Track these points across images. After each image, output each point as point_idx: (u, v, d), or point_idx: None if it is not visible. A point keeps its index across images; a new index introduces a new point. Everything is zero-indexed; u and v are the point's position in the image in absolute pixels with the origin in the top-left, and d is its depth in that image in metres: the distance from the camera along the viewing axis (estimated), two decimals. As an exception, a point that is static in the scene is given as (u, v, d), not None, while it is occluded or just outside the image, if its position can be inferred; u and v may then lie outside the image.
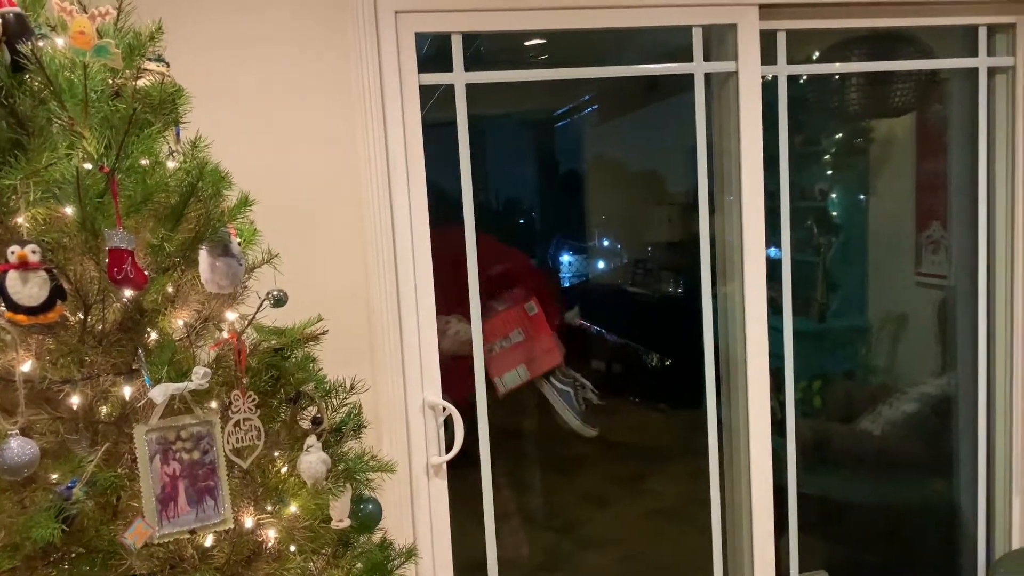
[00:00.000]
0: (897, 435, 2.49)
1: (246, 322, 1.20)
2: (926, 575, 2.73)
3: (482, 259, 2.20)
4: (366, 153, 2.01)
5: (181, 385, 1.08)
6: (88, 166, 1.03)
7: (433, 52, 2.15)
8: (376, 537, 1.47)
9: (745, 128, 2.28)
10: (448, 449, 2.13)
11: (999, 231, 2.55)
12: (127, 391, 1.10)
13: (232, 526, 1.14)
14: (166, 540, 1.12)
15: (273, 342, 1.33)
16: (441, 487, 2.17)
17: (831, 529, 2.75)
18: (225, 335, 1.21)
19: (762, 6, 2.22)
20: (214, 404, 1.19)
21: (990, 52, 2.46)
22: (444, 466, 2.15)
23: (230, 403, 1.16)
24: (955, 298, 2.56)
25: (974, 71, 2.47)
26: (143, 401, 1.09)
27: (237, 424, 1.15)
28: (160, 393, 1.06)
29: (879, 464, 2.56)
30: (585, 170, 5.99)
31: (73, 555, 1.05)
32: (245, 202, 1.23)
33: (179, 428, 1.12)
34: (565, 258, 6.41)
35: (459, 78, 2.13)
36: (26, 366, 1.05)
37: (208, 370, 1.09)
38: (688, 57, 2.24)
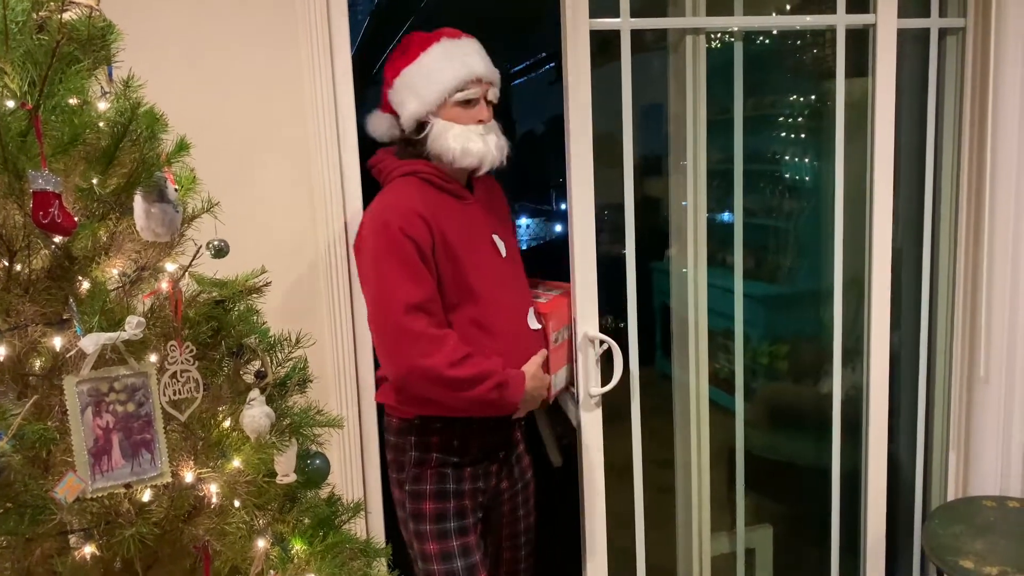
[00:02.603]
0: (854, 397, 2.55)
1: (182, 271, 1.15)
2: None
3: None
4: (312, 95, 1.95)
5: (113, 335, 1.03)
6: (10, 104, 0.97)
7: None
8: (324, 492, 1.45)
9: (881, 84, 2.33)
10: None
11: (944, 195, 2.59)
12: (57, 342, 1.06)
13: (170, 480, 1.11)
14: (100, 495, 1.08)
15: (214, 294, 1.29)
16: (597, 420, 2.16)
17: (778, 486, 2.82)
18: (163, 286, 1.16)
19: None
20: (153, 357, 1.15)
21: (941, 13, 2.48)
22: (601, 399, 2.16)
23: (167, 354, 1.12)
24: (900, 260, 2.61)
25: (926, 32, 2.49)
26: (74, 352, 1.04)
27: (174, 376, 1.11)
28: (91, 343, 1.01)
29: (831, 424, 2.61)
30: (541, 130, 5.95)
31: (0, 511, 1.01)
32: (182, 146, 1.17)
33: (112, 379, 1.07)
34: (523, 220, 6.39)
35: (625, 24, 2.09)
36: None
37: (142, 320, 1.04)
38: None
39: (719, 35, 2.40)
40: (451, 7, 3.48)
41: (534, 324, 1.95)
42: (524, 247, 6.74)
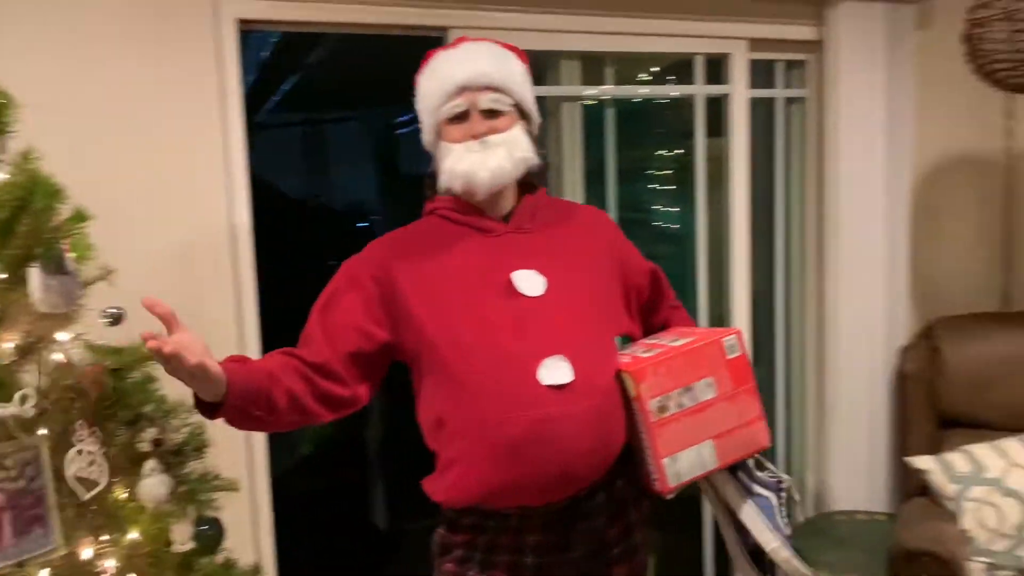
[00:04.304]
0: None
1: (79, 344, 1.18)
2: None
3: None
4: (206, 159, 1.98)
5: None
6: None
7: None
8: (220, 558, 1.47)
9: (735, 143, 2.64)
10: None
11: (793, 241, 2.88)
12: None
13: (64, 552, 1.11)
14: None
15: (109, 363, 1.31)
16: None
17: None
18: (59, 357, 1.19)
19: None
20: (43, 430, 1.14)
21: (786, 85, 2.78)
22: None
23: (75, 430, 1.13)
24: (758, 301, 2.86)
25: (772, 101, 2.78)
26: None
27: (80, 452, 1.13)
28: None
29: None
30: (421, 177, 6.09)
31: None
32: (80, 216, 1.20)
33: (2, 456, 1.08)
34: None
35: None
36: None
37: (29, 394, 1.06)
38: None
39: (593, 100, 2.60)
40: (339, 60, 3.58)
41: (556, 378, 1.41)
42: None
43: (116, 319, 1.30)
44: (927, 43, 2.76)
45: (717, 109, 2.63)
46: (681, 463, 1.46)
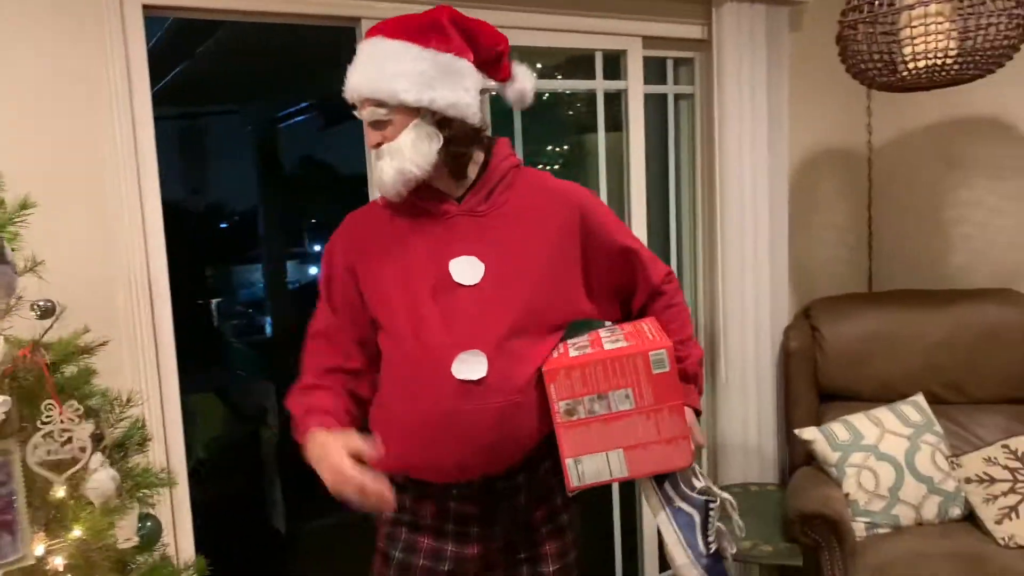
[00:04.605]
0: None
1: (40, 335, 1.12)
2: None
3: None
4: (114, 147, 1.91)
5: None
6: None
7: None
8: (157, 554, 1.42)
9: (633, 135, 2.77)
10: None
11: (685, 227, 3.04)
12: None
13: (33, 562, 1.06)
14: None
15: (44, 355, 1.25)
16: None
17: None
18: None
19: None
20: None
21: (676, 82, 2.93)
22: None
23: (42, 414, 1.07)
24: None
25: (665, 96, 2.93)
26: None
27: (48, 436, 1.07)
28: None
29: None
30: (298, 173, 5.95)
31: None
32: (24, 205, 1.14)
33: None
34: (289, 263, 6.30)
35: None
36: None
37: (7, 398, 1.01)
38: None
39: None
40: (226, 55, 3.47)
41: (469, 373, 1.45)
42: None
43: (47, 312, 1.24)
44: (799, 44, 2.99)
45: (609, 105, 2.75)
46: (585, 466, 1.48)
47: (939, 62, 2.28)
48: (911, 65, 2.33)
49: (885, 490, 2.53)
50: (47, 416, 1.09)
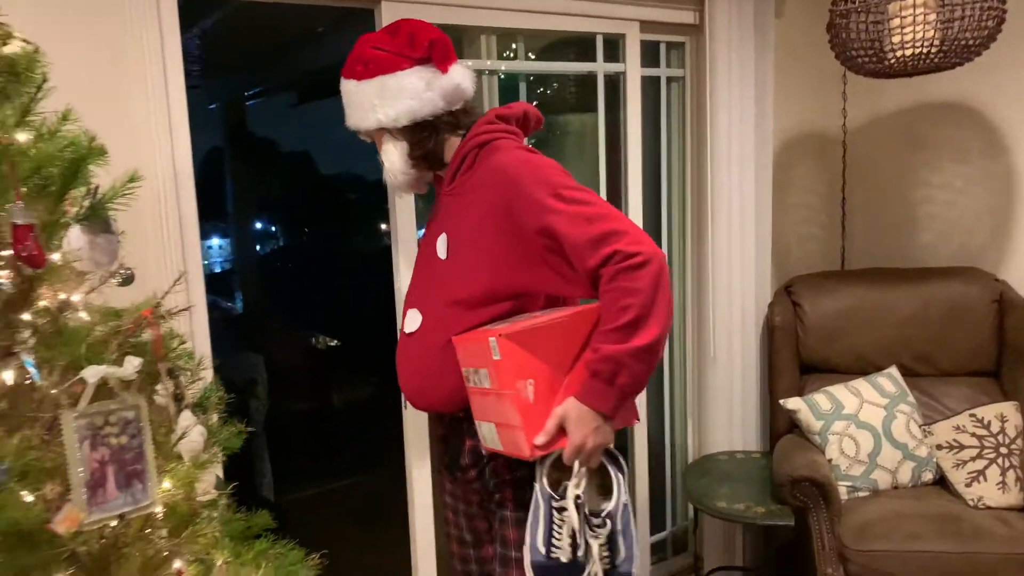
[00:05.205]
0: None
1: (160, 296, 1.15)
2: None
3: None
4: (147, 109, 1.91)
5: (113, 369, 1.03)
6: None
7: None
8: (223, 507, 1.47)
9: (631, 114, 2.85)
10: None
11: (675, 206, 3.15)
12: (8, 376, 1.02)
13: (159, 509, 1.11)
14: (95, 526, 1.07)
15: (112, 324, 1.28)
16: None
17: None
18: (82, 316, 1.15)
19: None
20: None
21: (668, 64, 3.02)
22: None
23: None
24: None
25: (658, 79, 3.02)
26: (70, 384, 1.02)
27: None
28: (92, 374, 1.00)
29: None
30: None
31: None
32: (133, 178, 1.17)
33: (107, 413, 1.06)
34: (214, 241, 6.21)
35: None
36: None
37: (140, 360, 1.05)
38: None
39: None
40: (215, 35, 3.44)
41: (409, 327, 1.73)
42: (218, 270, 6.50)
43: (127, 279, 1.27)
44: (780, 30, 3.11)
45: (593, 87, 2.82)
46: (483, 431, 1.59)
47: (924, 51, 2.42)
48: (898, 53, 2.46)
49: (865, 456, 2.69)
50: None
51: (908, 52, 2.44)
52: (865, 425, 2.73)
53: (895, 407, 2.77)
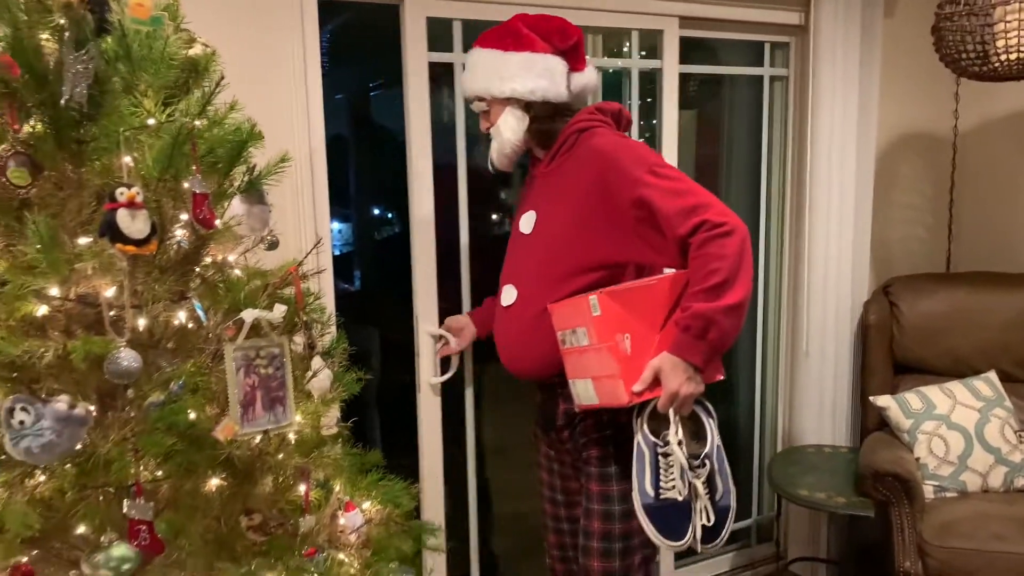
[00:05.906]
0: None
1: (302, 258, 1.40)
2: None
3: None
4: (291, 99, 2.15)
5: (266, 313, 1.28)
6: (152, 121, 1.20)
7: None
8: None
9: (666, 111, 2.84)
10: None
11: (774, 205, 3.22)
12: (181, 316, 1.28)
13: (297, 428, 1.36)
14: (246, 437, 1.34)
15: (260, 281, 1.53)
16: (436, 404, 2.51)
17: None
18: (237, 273, 1.40)
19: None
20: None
21: (772, 64, 3.10)
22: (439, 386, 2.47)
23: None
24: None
25: (760, 78, 3.10)
26: (229, 324, 1.28)
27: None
28: (250, 315, 1.25)
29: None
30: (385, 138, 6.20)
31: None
32: (284, 158, 1.42)
33: (258, 348, 1.31)
34: (335, 226, 6.54)
35: (458, 58, 2.42)
36: (110, 291, 1.20)
37: (285, 307, 1.30)
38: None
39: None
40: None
41: (505, 301, 1.93)
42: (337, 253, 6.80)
43: (274, 245, 1.52)
44: (890, 29, 3.12)
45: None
46: (578, 388, 1.75)
47: (1031, 55, 2.42)
48: (1003, 57, 2.46)
49: (954, 457, 2.70)
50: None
51: (1014, 56, 2.44)
52: (957, 426, 2.74)
53: (990, 411, 2.77)
